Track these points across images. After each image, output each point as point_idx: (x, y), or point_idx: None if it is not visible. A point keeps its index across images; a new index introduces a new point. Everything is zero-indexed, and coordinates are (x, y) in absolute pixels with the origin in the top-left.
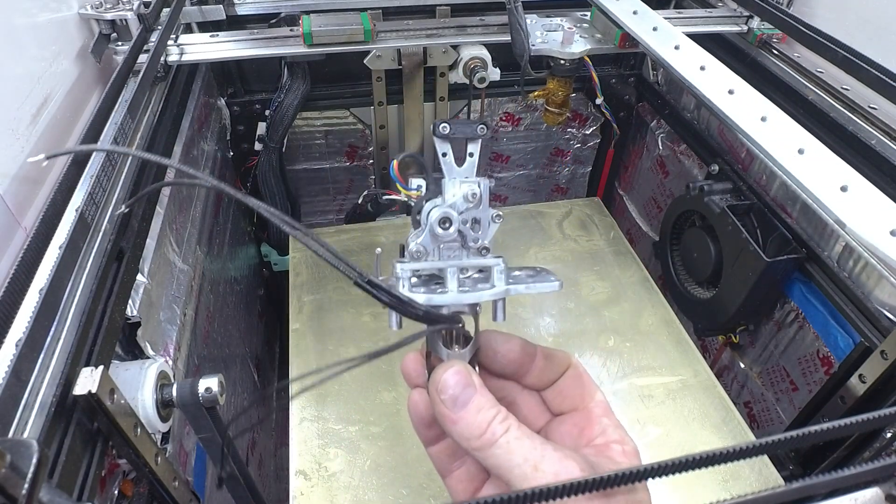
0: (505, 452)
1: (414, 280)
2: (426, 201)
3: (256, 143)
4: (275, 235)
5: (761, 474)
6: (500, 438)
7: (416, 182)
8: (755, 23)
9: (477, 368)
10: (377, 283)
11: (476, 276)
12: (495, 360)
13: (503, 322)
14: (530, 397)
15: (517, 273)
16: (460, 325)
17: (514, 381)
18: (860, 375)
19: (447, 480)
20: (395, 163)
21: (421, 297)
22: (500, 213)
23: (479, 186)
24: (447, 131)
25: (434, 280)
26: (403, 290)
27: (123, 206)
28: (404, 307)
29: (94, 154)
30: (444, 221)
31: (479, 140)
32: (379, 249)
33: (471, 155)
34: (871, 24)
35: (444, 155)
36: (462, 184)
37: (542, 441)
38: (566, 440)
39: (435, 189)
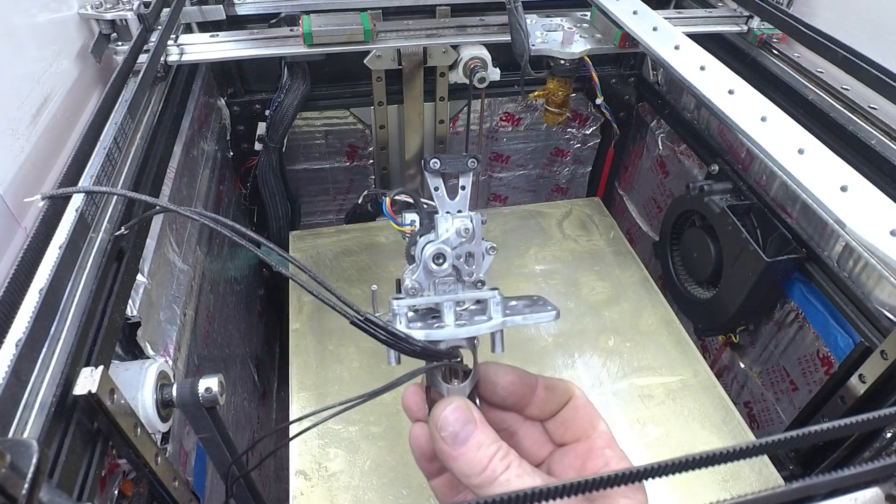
0: (505, 490)
1: (411, 315)
2: (420, 236)
3: (256, 143)
4: (275, 235)
5: (761, 474)
6: (501, 476)
7: (410, 217)
8: (755, 23)
9: (477, 401)
10: (373, 321)
11: (473, 308)
12: (495, 393)
13: (502, 353)
14: (532, 428)
15: (514, 303)
16: (458, 359)
17: (516, 412)
18: (860, 375)
19: None
20: (387, 200)
21: (418, 333)
22: (494, 245)
23: (471, 221)
24: (438, 166)
25: (431, 314)
26: (400, 326)
27: (123, 228)
28: (401, 344)
29: (93, 155)
30: (438, 257)
31: (471, 174)
32: (375, 286)
33: (462, 188)
34: (871, 25)
35: (437, 189)
36: (455, 219)
37: (542, 479)
38: (569, 473)
39: (428, 224)
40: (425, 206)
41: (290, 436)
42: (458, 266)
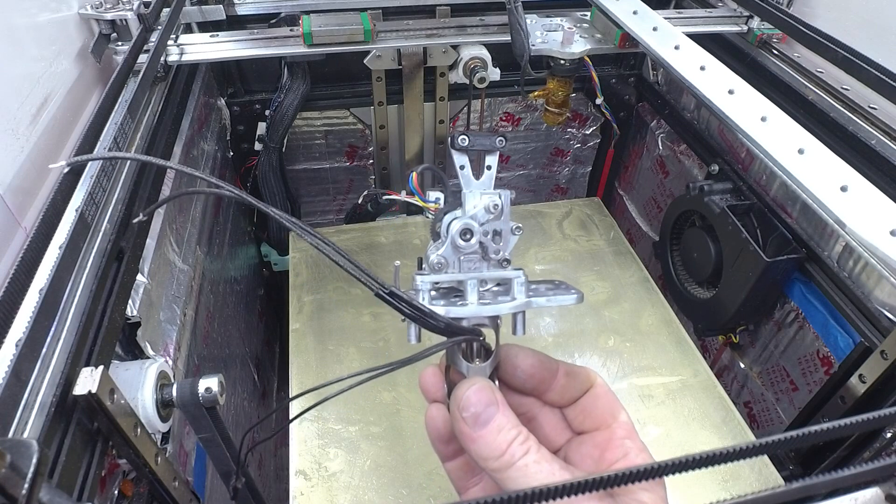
0: (522, 476)
1: (433, 293)
2: (445, 214)
3: (256, 143)
4: (275, 235)
5: (761, 474)
6: (519, 461)
7: (435, 194)
8: (755, 23)
9: (497, 383)
10: (399, 294)
11: (496, 289)
12: (515, 376)
13: (523, 336)
14: (551, 414)
15: (536, 286)
16: (481, 337)
17: (535, 397)
18: (860, 375)
19: (463, 496)
20: (413, 175)
21: (441, 310)
22: (520, 225)
23: (500, 198)
24: (466, 143)
25: (453, 293)
26: (424, 303)
27: (142, 215)
28: (426, 319)
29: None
30: (466, 233)
31: (497, 153)
32: (398, 262)
33: (488, 168)
34: (871, 25)
35: (462, 167)
36: (483, 195)
37: (561, 466)
38: (587, 461)
39: (453, 201)
40: (450, 184)
41: (295, 414)
42: (486, 243)
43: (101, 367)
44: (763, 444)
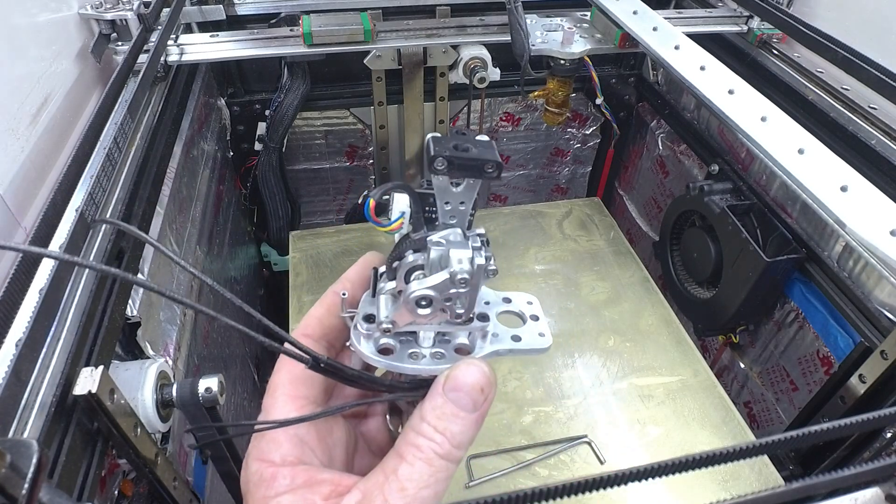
0: (427, 467)
1: (381, 335)
2: (406, 250)
3: (256, 143)
4: (275, 235)
5: (761, 474)
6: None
7: (399, 206)
8: (755, 23)
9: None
10: (335, 365)
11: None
12: None
13: None
14: None
15: (499, 334)
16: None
17: None
18: (860, 375)
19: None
20: (370, 202)
21: (386, 362)
22: (496, 267)
23: (471, 263)
24: (444, 167)
25: (406, 333)
26: (366, 347)
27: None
28: (367, 385)
29: (93, 155)
30: (423, 300)
31: (479, 183)
32: (345, 293)
33: (462, 202)
34: (871, 24)
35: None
36: (453, 250)
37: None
38: None
39: (419, 218)
40: (422, 188)
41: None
42: (448, 308)
43: (101, 367)
44: (763, 444)
